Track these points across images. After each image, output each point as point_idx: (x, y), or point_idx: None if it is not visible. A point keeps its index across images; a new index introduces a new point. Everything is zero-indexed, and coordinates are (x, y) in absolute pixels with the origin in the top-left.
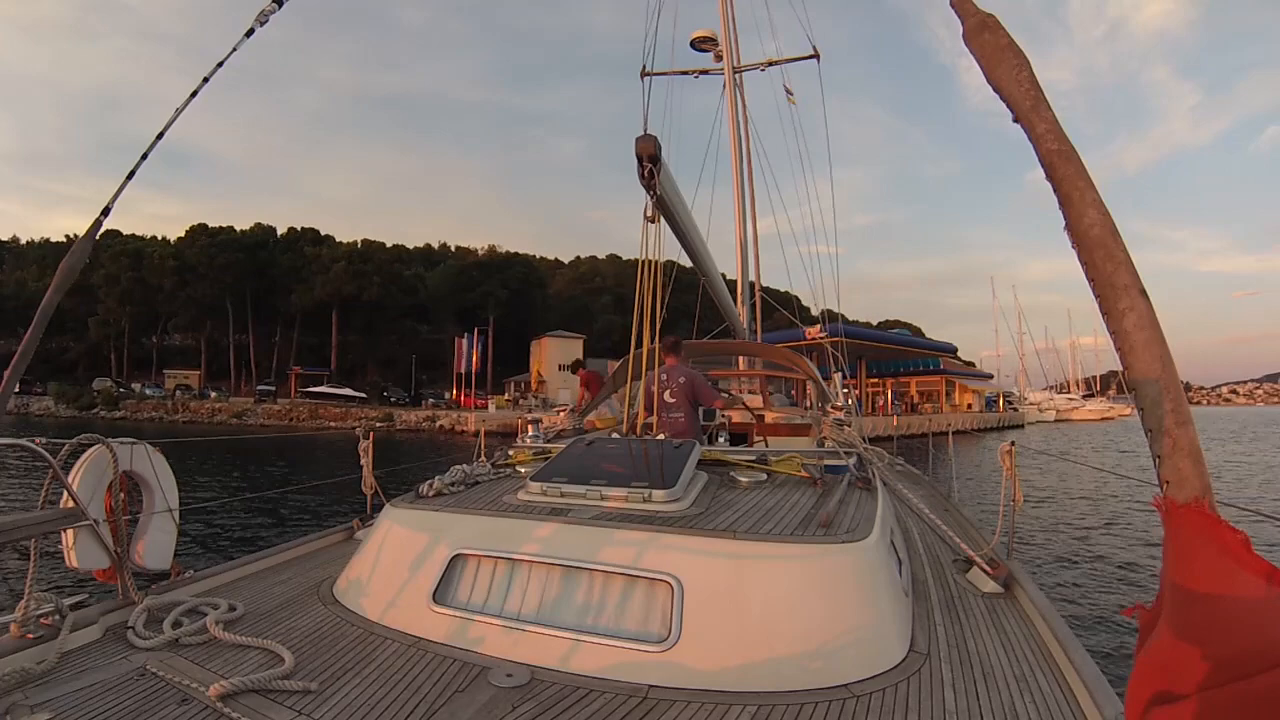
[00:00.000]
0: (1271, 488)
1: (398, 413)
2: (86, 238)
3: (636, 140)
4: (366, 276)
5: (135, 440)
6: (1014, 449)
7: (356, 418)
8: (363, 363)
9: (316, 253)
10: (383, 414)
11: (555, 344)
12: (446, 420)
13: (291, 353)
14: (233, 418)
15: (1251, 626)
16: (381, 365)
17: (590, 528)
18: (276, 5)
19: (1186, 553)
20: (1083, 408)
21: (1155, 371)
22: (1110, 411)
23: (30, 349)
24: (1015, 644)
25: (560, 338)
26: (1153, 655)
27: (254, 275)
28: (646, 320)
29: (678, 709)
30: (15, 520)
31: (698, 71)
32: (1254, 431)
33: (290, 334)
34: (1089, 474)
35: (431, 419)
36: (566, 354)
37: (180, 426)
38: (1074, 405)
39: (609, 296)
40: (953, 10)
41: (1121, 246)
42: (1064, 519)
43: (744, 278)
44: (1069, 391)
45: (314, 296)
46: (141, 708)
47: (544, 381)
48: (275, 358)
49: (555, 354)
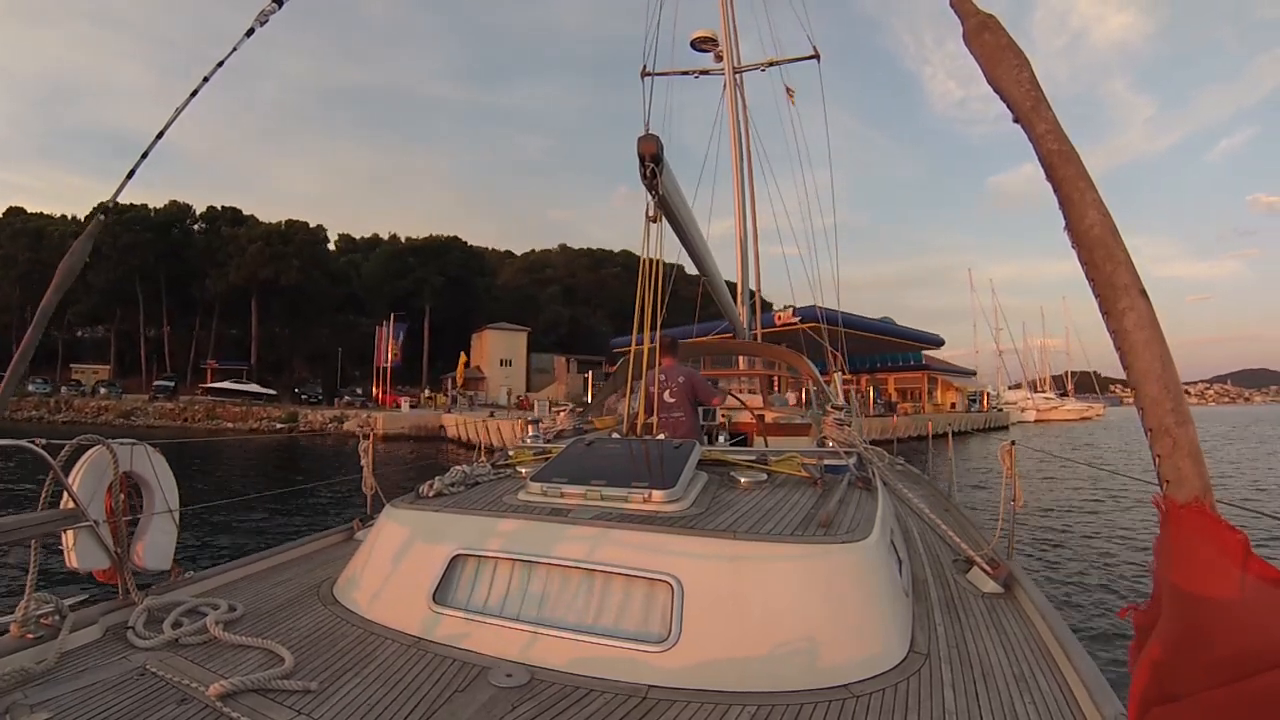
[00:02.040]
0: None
1: (305, 412)
2: (86, 238)
3: (639, 140)
4: (285, 259)
5: (135, 441)
6: (1014, 449)
7: (258, 417)
8: (289, 357)
9: (234, 233)
10: (287, 413)
11: (496, 337)
12: (354, 422)
13: (210, 345)
14: (119, 417)
15: (1252, 626)
16: (311, 360)
17: (590, 528)
18: (276, 5)
19: (1187, 553)
20: (1061, 407)
21: (1155, 371)
22: (1089, 411)
23: (30, 349)
24: (1015, 644)
25: (502, 330)
26: (1152, 655)
27: (168, 258)
28: (647, 320)
29: (677, 709)
30: (15, 520)
31: (698, 71)
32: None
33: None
34: (1088, 474)
35: (339, 419)
36: (509, 347)
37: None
38: (1053, 405)
39: (557, 287)
40: (953, 11)
41: (1121, 246)
42: (1064, 519)
43: (744, 277)
44: (1042, 390)
45: (229, 281)
46: (141, 707)
47: (482, 378)
48: (193, 350)
49: (497, 347)
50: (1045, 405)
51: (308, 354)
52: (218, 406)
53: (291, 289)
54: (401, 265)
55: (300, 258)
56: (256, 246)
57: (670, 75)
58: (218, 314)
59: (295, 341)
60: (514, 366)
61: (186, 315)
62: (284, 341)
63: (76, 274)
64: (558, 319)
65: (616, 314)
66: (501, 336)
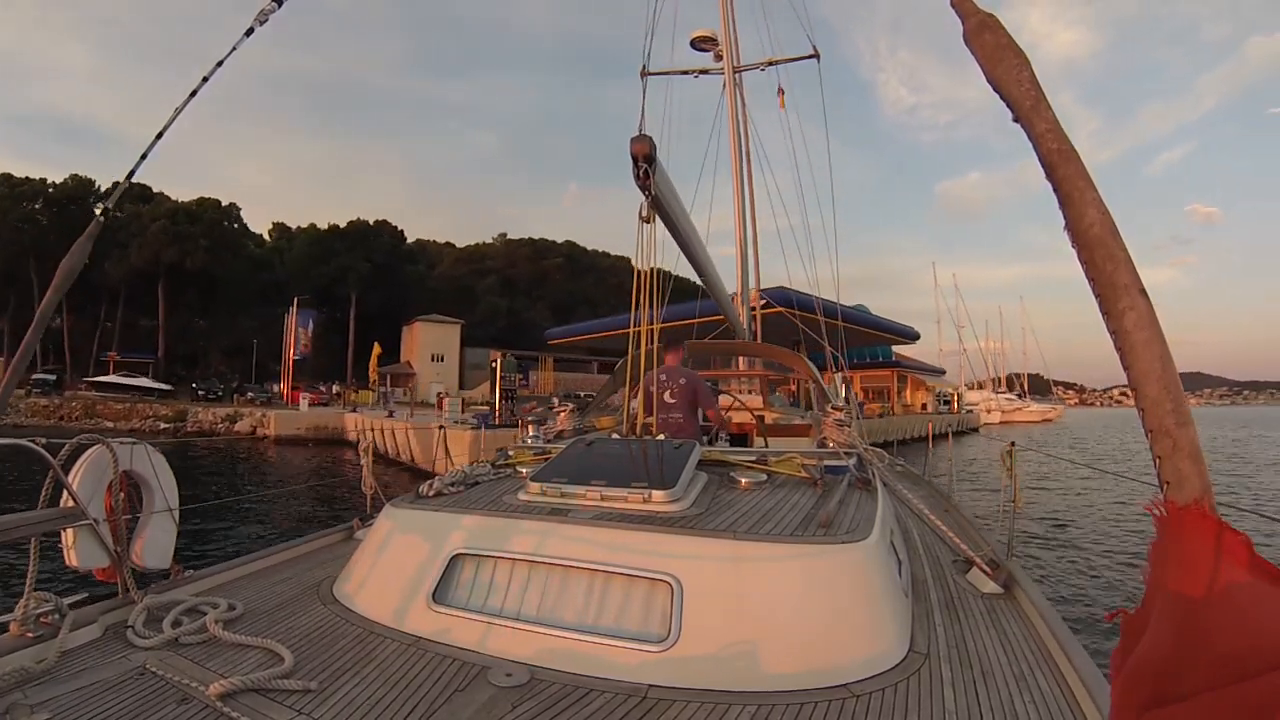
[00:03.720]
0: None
1: (196, 411)
2: (86, 238)
3: (631, 141)
4: (191, 239)
5: (135, 440)
6: (1014, 450)
7: (144, 416)
8: (205, 350)
9: (137, 210)
10: (175, 412)
11: (428, 329)
12: (248, 422)
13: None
14: None
15: (1255, 627)
16: (230, 353)
17: (590, 528)
18: (276, 5)
19: (1188, 555)
20: (1025, 409)
21: (1155, 371)
22: (1050, 413)
23: (30, 349)
24: (1015, 644)
25: (434, 322)
26: (1146, 658)
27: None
28: (644, 321)
29: (677, 709)
30: (15, 520)
31: (697, 71)
32: None
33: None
34: (1088, 474)
35: (231, 419)
36: (442, 341)
37: None
38: (1016, 406)
39: (495, 278)
40: (953, 10)
41: (1121, 246)
42: (1064, 519)
43: (744, 277)
44: (1002, 391)
45: (131, 264)
46: (141, 707)
47: (411, 375)
48: (97, 342)
49: (428, 341)
50: (1009, 407)
51: (226, 347)
52: (99, 404)
53: (204, 274)
54: (325, 250)
55: (209, 238)
56: (160, 225)
57: (670, 75)
58: (122, 301)
59: (213, 333)
60: (446, 362)
61: (93, 303)
62: (200, 333)
63: (76, 275)
64: (495, 311)
65: (559, 306)
66: (433, 329)
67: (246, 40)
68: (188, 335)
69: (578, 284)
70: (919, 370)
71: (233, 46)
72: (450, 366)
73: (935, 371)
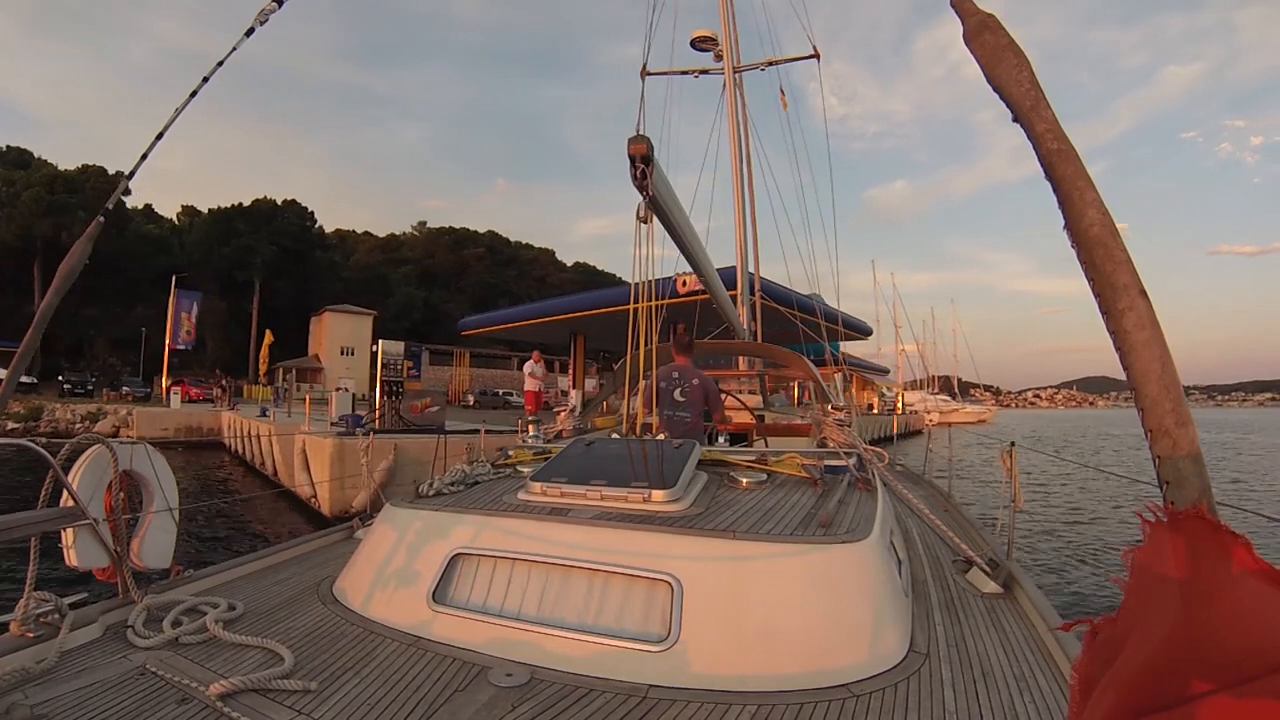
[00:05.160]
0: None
1: (55, 408)
2: (86, 239)
3: (629, 141)
4: (69, 211)
5: (135, 440)
6: (1015, 450)
7: None
8: (93, 339)
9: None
10: (29, 409)
11: (338, 320)
12: (111, 421)
13: None
14: None
15: (1256, 628)
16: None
17: (590, 527)
18: (276, 4)
19: (1188, 557)
20: (961, 410)
21: (1155, 372)
22: (984, 414)
23: (30, 350)
24: (1015, 644)
25: (345, 313)
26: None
27: None
28: (642, 322)
29: (677, 709)
30: (15, 519)
31: (697, 71)
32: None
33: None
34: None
35: (93, 417)
36: (353, 333)
37: None
38: (953, 408)
39: (412, 267)
40: (953, 10)
41: (1121, 246)
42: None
43: (744, 277)
44: (937, 392)
45: None
46: (141, 707)
47: (319, 369)
48: None
49: (338, 333)
50: (946, 408)
51: (117, 337)
52: None
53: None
54: (227, 230)
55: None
56: (32, 193)
57: (669, 75)
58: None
59: (102, 321)
60: (357, 356)
61: None
62: (88, 321)
63: (76, 276)
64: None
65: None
66: (344, 320)
67: (247, 40)
68: (74, 322)
69: (499, 276)
70: (865, 369)
71: (233, 47)
72: (361, 360)
73: (880, 370)
